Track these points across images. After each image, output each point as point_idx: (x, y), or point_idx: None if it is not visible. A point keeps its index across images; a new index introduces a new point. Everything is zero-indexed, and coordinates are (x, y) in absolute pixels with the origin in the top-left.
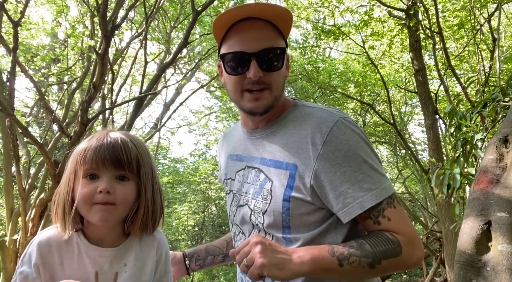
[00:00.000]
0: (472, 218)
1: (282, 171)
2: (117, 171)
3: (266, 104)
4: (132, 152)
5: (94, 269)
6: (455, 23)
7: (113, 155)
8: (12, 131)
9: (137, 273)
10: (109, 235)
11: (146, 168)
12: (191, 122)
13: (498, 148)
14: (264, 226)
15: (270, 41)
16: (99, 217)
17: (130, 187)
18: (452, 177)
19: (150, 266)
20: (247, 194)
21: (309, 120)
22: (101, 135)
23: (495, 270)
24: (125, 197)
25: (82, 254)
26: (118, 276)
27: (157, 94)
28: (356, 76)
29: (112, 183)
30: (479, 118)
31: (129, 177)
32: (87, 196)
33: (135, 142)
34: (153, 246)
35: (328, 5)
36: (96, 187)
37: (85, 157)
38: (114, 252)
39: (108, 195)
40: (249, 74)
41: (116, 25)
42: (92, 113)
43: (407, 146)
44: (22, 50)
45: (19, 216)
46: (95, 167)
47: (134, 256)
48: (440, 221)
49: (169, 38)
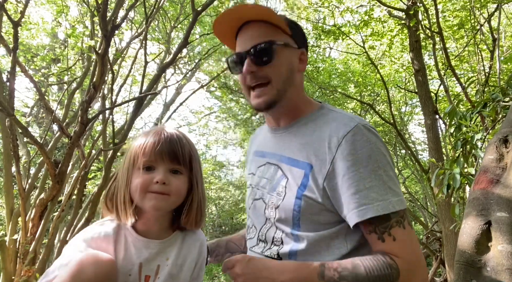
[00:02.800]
0: (472, 218)
1: (298, 170)
2: (172, 164)
3: (267, 100)
4: (186, 147)
5: (139, 260)
6: (455, 23)
7: (170, 149)
8: (12, 131)
9: (177, 269)
10: (156, 227)
11: (197, 163)
12: (191, 122)
13: (498, 148)
14: (275, 220)
15: (262, 38)
16: (152, 203)
17: (183, 179)
18: (452, 177)
19: (190, 264)
20: (264, 189)
21: (329, 124)
22: (158, 131)
23: (495, 270)
24: (179, 189)
25: (129, 244)
26: (159, 269)
27: (157, 94)
28: (356, 76)
29: (167, 175)
30: (479, 118)
31: (182, 171)
32: (143, 185)
33: (188, 138)
34: (195, 246)
35: (328, 5)
36: (152, 177)
37: (144, 150)
38: (159, 245)
39: (163, 186)
40: (243, 70)
41: (116, 25)
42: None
43: (407, 146)
44: (22, 50)
45: (19, 216)
46: (153, 159)
47: (176, 252)
48: (440, 221)
49: (169, 38)
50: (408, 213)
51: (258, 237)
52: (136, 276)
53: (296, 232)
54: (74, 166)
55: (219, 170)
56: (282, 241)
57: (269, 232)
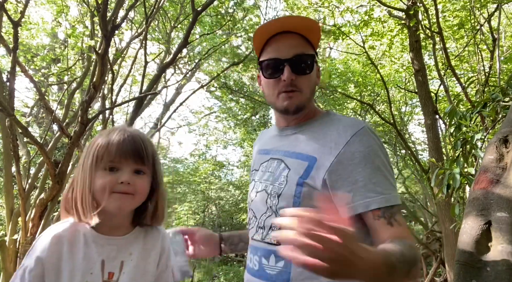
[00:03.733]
0: (472, 218)
1: (301, 162)
2: (136, 165)
3: (298, 103)
4: (149, 147)
5: (101, 257)
6: (455, 23)
7: (135, 149)
8: (12, 131)
9: (141, 263)
10: (117, 224)
11: (159, 163)
12: (191, 122)
13: (498, 148)
14: (278, 207)
15: (300, 48)
16: (117, 204)
17: (146, 180)
18: (452, 177)
19: (154, 258)
20: (267, 181)
21: (337, 124)
22: (120, 130)
23: (495, 270)
24: (143, 189)
25: (89, 243)
26: (124, 265)
27: (157, 94)
28: (356, 76)
29: (131, 175)
30: (479, 118)
31: (145, 171)
32: (108, 186)
33: (149, 139)
34: (157, 239)
35: (328, 5)
36: (117, 178)
37: (108, 151)
38: (122, 241)
39: (128, 186)
40: (283, 77)
41: (116, 25)
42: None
43: (407, 146)
44: (22, 50)
45: (19, 216)
46: (118, 160)
47: (140, 246)
48: (440, 221)
49: (169, 38)
50: None
51: (258, 224)
52: (99, 274)
53: None
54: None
55: (219, 170)
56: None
57: (268, 219)
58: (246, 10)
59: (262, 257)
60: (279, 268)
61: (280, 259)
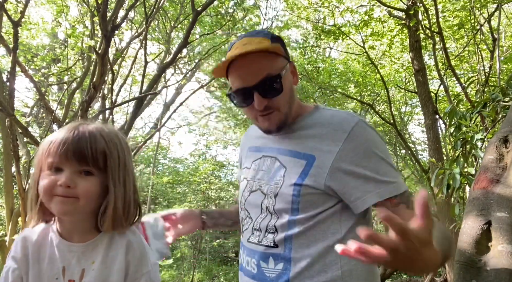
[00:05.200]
0: (472, 218)
1: (298, 160)
2: (80, 165)
3: (277, 122)
4: (99, 146)
5: (62, 264)
6: (455, 23)
7: (77, 149)
8: (12, 131)
9: (105, 272)
10: (76, 229)
11: (115, 162)
12: (191, 122)
13: (498, 148)
14: (275, 208)
15: (265, 70)
16: (59, 208)
17: (94, 181)
18: (452, 177)
19: (118, 267)
20: (261, 180)
21: (330, 120)
22: (69, 128)
23: (495, 270)
24: (87, 192)
25: (54, 248)
26: (85, 273)
27: (157, 94)
28: (356, 76)
29: (73, 177)
30: (479, 118)
31: (93, 172)
32: (47, 188)
33: (106, 135)
34: (122, 245)
35: (328, 5)
36: (57, 179)
37: (50, 150)
38: (82, 248)
39: (68, 189)
40: (255, 106)
41: (116, 25)
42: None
43: (407, 146)
44: (22, 50)
45: (19, 216)
46: (58, 160)
47: (103, 254)
48: (440, 221)
49: (169, 38)
50: None
51: (253, 226)
52: (61, 281)
53: (293, 218)
54: None
55: (219, 170)
56: (276, 228)
57: (264, 221)
58: (246, 10)
59: (260, 260)
60: (278, 270)
61: (280, 261)
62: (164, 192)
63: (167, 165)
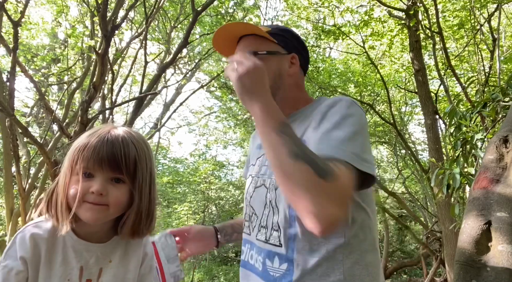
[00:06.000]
0: (472, 218)
1: None
2: (113, 173)
3: None
4: (131, 154)
5: (79, 263)
6: (455, 23)
7: (112, 156)
8: (12, 131)
9: (122, 271)
10: (98, 232)
11: (144, 171)
12: (191, 122)
13: (498, 148)
14: (276, 202)
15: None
16: (88, 215)
17: (124, 189)
18: (452, 177)
19: (135, 265)
20: (264, 176)
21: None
22: (101, 132)
23: (495, 270)
24: (118, 200)
25: (68, 248)
26: (102, 272)
27: (157, 94)
28: (356, 76)
29: (106, 184)
30: (479, 118)
31: (124, 180)
32: (79, 194)
33: (137, 143)
34: (140, 244)
35: (328, 5)
36: (89, 186)
37: (83, 155)
38: (101, 248)
39: (100, 197)
40: None
41: (116, 25)
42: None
43: (407, 146)
44: (22, 50)
45: (19, 216)
46: (91, 166)
47: (120, 253)
48: (440, 221)
49: (169, 38)
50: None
51: (260, 223)
52: (76, 280)
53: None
54: None
55: (219, 170)
56: (279, 225)
57: (268, 217)
58: (246, 10)
59: (266, 259)
60: (282, 270)
61: (284, 262)
62: (164, 192)
63: (167, 165)
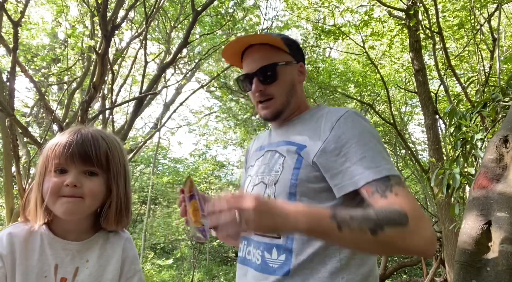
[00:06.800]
0: (472, 218)
1: (292, 147)
2: (85, 166)
3: (273, 111)
4: (102, 147)
5: (55, 261)
6: (455, 23)
7: (82, 150)
8: (12, 131)
9: (99, 271)
10: (75, 229)
11: (118, 164)
12: (191, 122)
13: (498, 148)
14: (276, 194)
15: (266, 60)
16: (64, 209)
17: (98, 181)
18: (452, 177)
19: (114, 265)
20: (263, 173)
21: (325, 114)
22: (72, 131)
23: (495, 270)
24: (93, 191)
25: (45, 245)
26: (78, 272)
27: (157, 94)
28: (356, 76)
29: (79, 177)
30: (479, 118)
31: (97, 172)
32: (54, 188)
33: (107, 138)
34: (119, 245)
35: (328, 5)
36: (63, 180)
37: (55, 152)
38: (78, 246)
39: (75, 189)
40: (252, 90)
41: (116, 25)
42: (92, 113)
43: (407, 146)
44: (22, 50)
45: (19, 216)
46: (64, 162)
47: (98, 253)
48: (440, 221)
49: (169, 38)
50: None
51: None
52: (52, 278)
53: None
54: None
55: (219, 170)
56: None
57: None
58: (246, 10)
59: (265, 251)
60: (281, 261)
61: (282, 252)
62: (164, 192)
63: (167, 165)
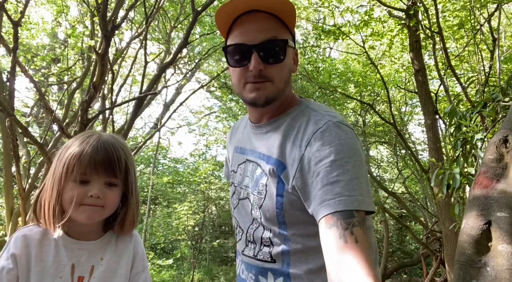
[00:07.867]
0: (472, 218)
1: (273, 167)
2: (108, 178)
3: (267, 95)
4: (122, 160)
5: (71, 261)
6: (455, 23)
7: (107, 162)
8: (12, 131)
9: (113, 267)
10: (89, 230)
11: (133, 175)
12: (191, 122)
13: (498, 148)
14: (262, 221)
15: (272, 32)
16: (85, 216)
17: (118, 192)
18: (452, 177)
19: (126, 260)
20: (248, 188)
21: (304, 123)
22: (93, 140)
23: (495, 270)
24: (113, 202)
25: (60, 247)
26: (94, 269)
27: (157, 94)
28: (356, 76)
29: (102, 188)
30: (479, 118)
31: (117, 183)
32: (77, 199)
33: (124, 147)
34: (130, 242)
35: (328, 5)
36: (86, 191)
37: (80, 162)
38: (92, 246)
39: (97, 199)
40: (250, 66)
41: (116, 25)
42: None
43: (407, 146)
44: (22, 50)
45: (19, 216)
46: (89, 172)
47: (111, 250)
48: (440, 221)
49: (169, 38)
50: (371, 218)
51: (246, 238)
52: (68, 278)
53: (283, 232)
54: None
55: (219, 170)
56: (271, 241)
57: (256, 232)
58: None
59: (259, 275)
60: None
61: (278, 276)
62: (164, 192)
63: (167, 165)
